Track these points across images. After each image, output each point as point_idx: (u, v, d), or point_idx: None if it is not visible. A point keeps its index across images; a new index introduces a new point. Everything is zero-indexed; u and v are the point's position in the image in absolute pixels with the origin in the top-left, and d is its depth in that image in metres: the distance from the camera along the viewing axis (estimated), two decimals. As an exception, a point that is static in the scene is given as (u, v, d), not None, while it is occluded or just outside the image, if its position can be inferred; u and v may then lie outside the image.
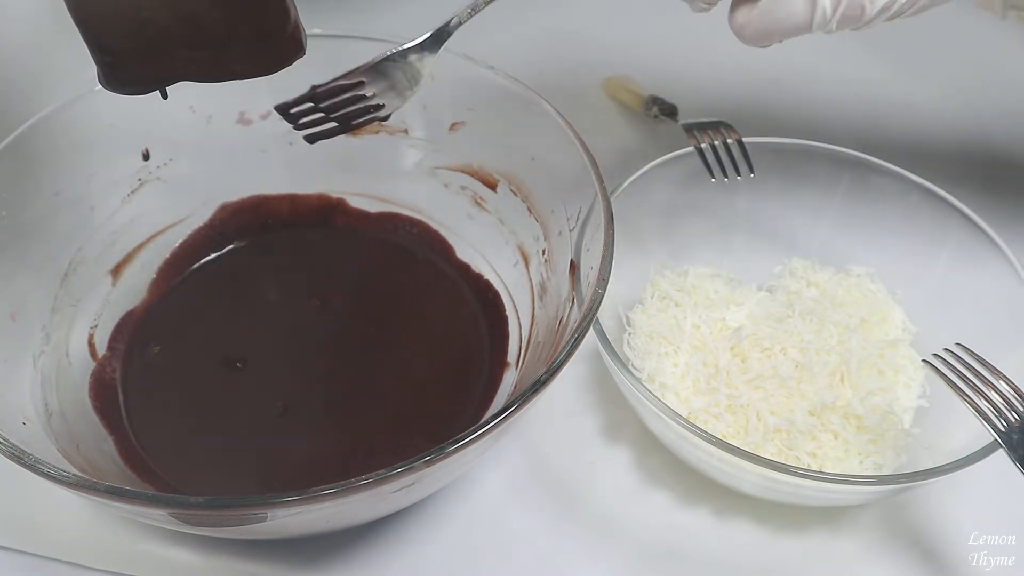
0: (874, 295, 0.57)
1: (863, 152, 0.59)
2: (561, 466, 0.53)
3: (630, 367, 0.53)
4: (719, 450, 0.46)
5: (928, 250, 0.57)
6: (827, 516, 0.51)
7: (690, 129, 0.60)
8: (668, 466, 0.53)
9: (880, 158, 0.59)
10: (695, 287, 0.57)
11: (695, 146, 0.59)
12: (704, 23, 0.55)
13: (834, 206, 0.60)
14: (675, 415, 0.47)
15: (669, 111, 0.67)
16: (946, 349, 0.47)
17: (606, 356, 0.49)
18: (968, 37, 0.83)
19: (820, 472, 0.48)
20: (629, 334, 0.56)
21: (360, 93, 0.47)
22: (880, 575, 0.49)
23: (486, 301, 0.57)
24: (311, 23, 0.50)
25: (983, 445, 0.45)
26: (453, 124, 0.58)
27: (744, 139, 0.58)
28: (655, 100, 0.69)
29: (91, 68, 0.54)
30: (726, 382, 0.52)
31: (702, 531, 0.51)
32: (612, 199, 0.49)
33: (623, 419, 0.55)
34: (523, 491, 0.51)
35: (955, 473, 0.45)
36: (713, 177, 0.57)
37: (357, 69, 0.47)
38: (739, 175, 0.57)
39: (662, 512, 0.51)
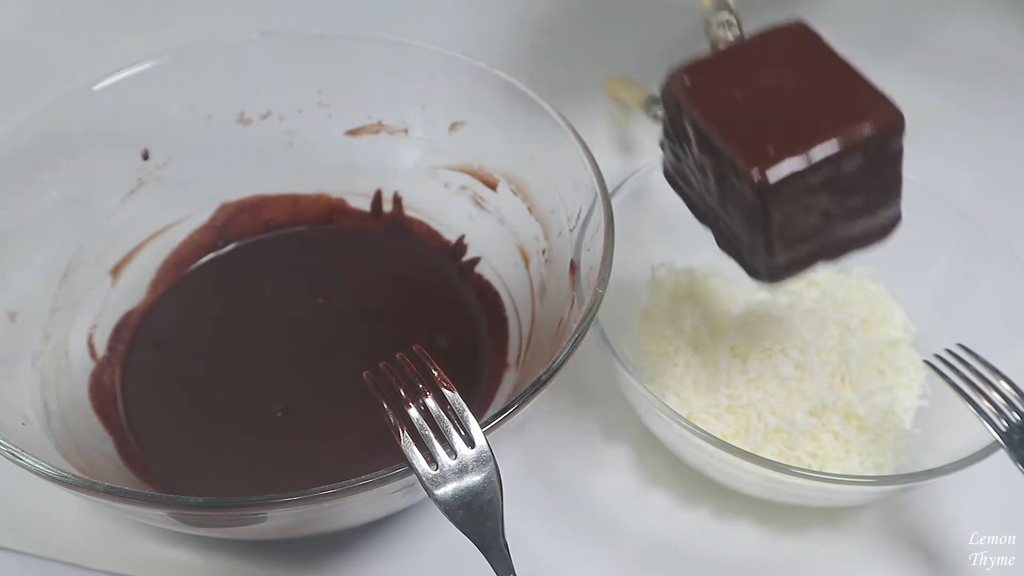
0: (875, 295, 0.57)
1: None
2: (561, 466, 0.53)
3: (630, 367, 0.53)
4: (719, 450, 0.46)
5: (928, 250, 0.57)
6: (827, 516, 0.51)
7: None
8: (668, 466, 0.53)
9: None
10: (696, 287, 0.57)
11: None
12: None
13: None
14: (675, 415, 0.47)
15: (669, 111, 0.67)
16: (947, 349, 0.47)
17: (606, 356, 0.49)
18: (969, 37, 0.83)
19: (820, 472, 0.48)
20: (629, 334, 0.55)
21: None
22: (880, 575, 0.49)
23: (486, 301, 0.57)
24: (311, 23, 0.51)
25: (984, 445, 0.45)
26: (453, 124, 0.58)
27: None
28: (655, 100, 0.68)
29: (90, 68, 0.54)
30: (726, 382, 0.52)
31: (702, 531, 0.51)
32: (612, 199, 0.49)
33: (623, 419, 0.55)
34: (523, 491, 0.51)
35: (955, 473, 0.45)
36: None
37: None
38: None
39: (662, 512, 0.51)
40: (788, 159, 0.40)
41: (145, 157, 0.56)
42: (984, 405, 0.45)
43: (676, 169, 0.48)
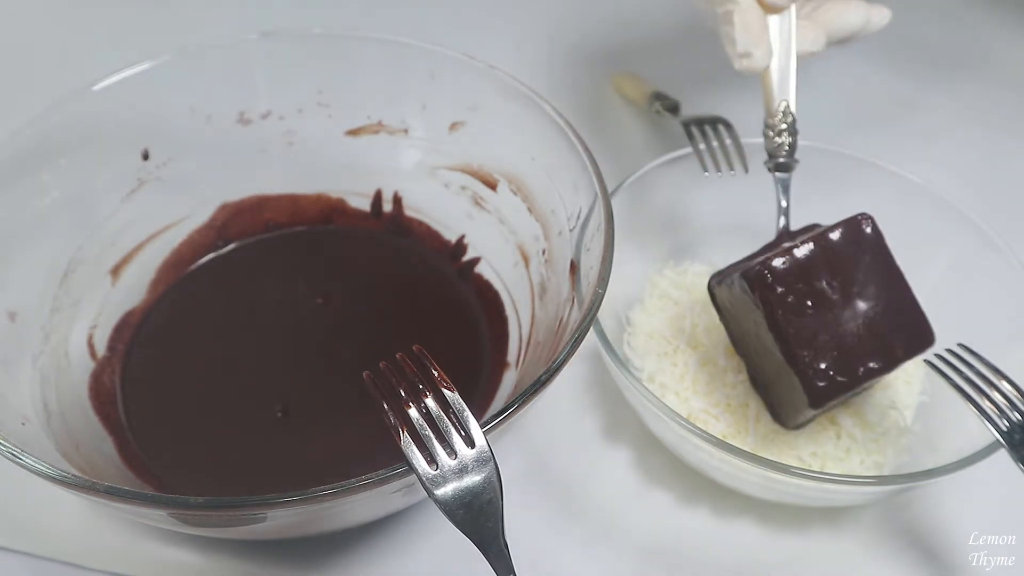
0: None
1: (863, 152, 0.59)
2: (561, 466, 0.53)
3: (630, 367, 0.53)
4: (719, 450, 0.46)
5: (928, 250, 0.57)
6: (828, 516, 0.51)
7: (687, 124, 0.60)
8: (668, 466, 0.53)
9: (880, 158, 0.59)
10: (695, 286, 0.57)
11: (687, 134, 0.58)
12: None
13: (834, 206, 0.60)
14: (675, 415, 0.47)
15: (671, 107, 0.67)
16: (948, 349, 0.47)
17: (606, 356, 0.49)
18: (969, 37, 0.83)
19: (821, 472, 0.48)
20: (629, 334, 0.56)
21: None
22: (880, 575, 0.49)
23: (486, 301, 0.57)
24: (311, 23, 0.51)
25: (984, 445, 0.45)
26: (453, 124, 0.58)
27: (747, 139, 0.58)
28: (658, 96, 0.68)
29: (90, 68, 0.54)
30: (726, 382, 0.52)
31: (702, 531, 0.51)
32: (612, 199, 0.49)
33: (623, 419, 0.55)
34: (523, 491, 0.51)
35: (955, 473, 0.45)
36: (706, 171, 0.57)
37: None
38: (732, 169, 0.57)
39: (662, 512, 0.51)
40: (839, 380, 0.47)
41: (145, 157, 0.56)
42: (986, 405, 0.45)
43: (727, 306, 0.52)
